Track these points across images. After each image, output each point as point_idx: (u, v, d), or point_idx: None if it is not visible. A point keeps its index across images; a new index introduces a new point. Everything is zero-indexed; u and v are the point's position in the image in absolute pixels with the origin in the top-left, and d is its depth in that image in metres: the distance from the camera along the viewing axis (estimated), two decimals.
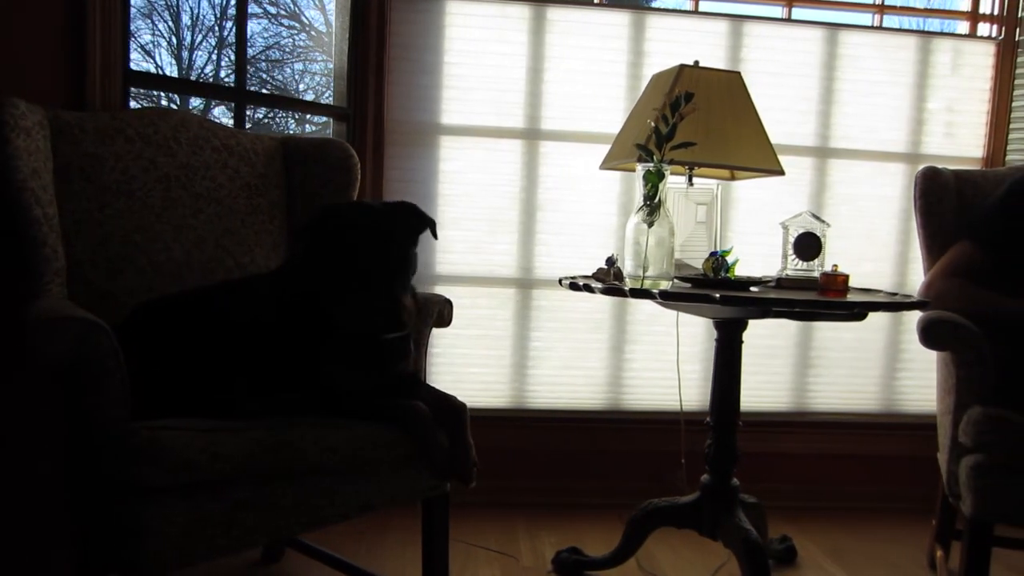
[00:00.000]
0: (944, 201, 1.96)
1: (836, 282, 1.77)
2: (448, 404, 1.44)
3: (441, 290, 2.34)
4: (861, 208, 2.43)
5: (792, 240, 1.92)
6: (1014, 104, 2.40)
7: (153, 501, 1.14)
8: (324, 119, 3.03)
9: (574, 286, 1.66)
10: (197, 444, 1.17)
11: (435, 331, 2.36)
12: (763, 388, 2.46)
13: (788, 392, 2.47)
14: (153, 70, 7.78)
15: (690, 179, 1.98)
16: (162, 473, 1.13)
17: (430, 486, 1.49)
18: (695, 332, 2.42)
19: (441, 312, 1.68)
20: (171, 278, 1.63)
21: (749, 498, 1.94)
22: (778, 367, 2.46)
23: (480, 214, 2.32)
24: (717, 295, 1.44)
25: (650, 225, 1.61)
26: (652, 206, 1.61)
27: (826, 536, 2.24)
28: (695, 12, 2.40)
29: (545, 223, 2.34)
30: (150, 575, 1.16)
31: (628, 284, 1.60)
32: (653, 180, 1.61)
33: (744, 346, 2.41)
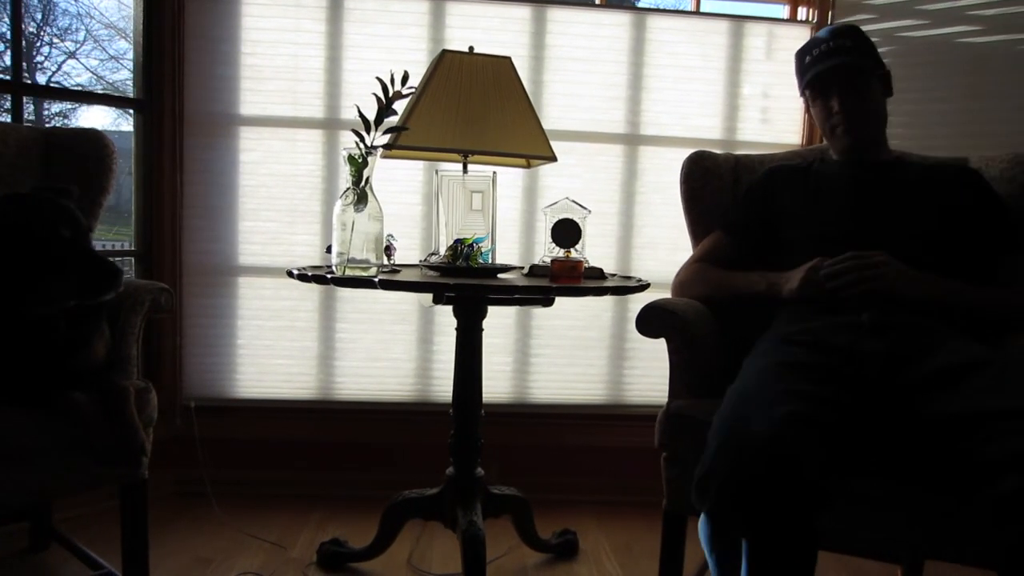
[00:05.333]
0: (710, 186, 1.91)
1: (567, 268, 1.73)
2: (114, 389, 1.43)
3: (244, 281, 2.33)
4: (674, 196, 2.36)
5: (551, 227, 1.89)
6: None
7: None
8: None
9: (288, 273, 1.65)
10: None
11: (240, 323, 2.37)
12: (578, 381, 2.42)
13: (604, 384, 2.43)
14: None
15: (465, 167, 1.95)
16: None
17: (120, 473, 1.49)
18: (504, 323, 2.39)
19: (156, 300, 1.66)
20: None
21: (507, 490, 1.91)
22: (593, 359, 2.42)
23: (281, 205, 2.31)
24: (376, 279, 1.41)
25: (357, 210, 1.59)
26: (358, 192, 1.59)
27: (623, 531, 2.20)
28: None
29: None
30: None
31: (336, 271, 1.58)
32: (356, 165, 1.59)
33: (559, 338, 2.40)
